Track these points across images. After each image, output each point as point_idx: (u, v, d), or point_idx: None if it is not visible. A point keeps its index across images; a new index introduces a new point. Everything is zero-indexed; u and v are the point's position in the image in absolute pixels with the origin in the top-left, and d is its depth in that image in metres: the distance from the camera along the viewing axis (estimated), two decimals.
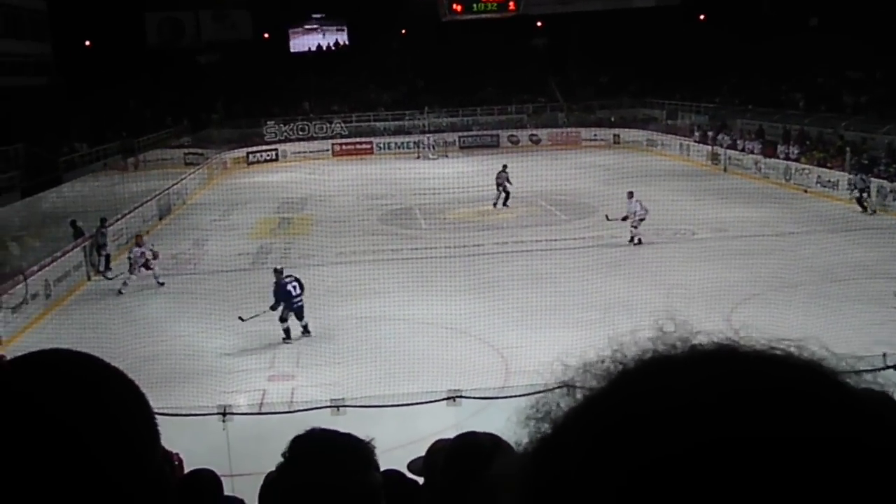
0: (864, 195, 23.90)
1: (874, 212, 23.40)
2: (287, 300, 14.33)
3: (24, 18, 42.52)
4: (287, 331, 14.37)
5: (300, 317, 14.50)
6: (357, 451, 1.72)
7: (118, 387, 0.79)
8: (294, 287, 14.44)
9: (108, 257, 20.37)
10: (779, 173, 29.17)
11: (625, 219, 20.42)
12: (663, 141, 38.03)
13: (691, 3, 45.03)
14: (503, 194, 25.63)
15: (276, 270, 14.86)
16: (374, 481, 1.72)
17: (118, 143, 35.84)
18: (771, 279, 16.56)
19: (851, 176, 25.02)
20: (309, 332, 14.52)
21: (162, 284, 18.53)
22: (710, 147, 34.04)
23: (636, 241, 20.40)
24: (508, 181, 25.60)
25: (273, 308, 14.31)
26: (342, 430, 2.55)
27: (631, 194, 20.64)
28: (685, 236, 21.33)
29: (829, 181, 26.54)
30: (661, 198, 24.25)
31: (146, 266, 18.58)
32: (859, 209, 23.56)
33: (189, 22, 48.53)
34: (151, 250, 18.85)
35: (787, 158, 29.63)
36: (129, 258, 18.80)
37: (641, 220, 20.37)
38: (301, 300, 14.50)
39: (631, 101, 44.08)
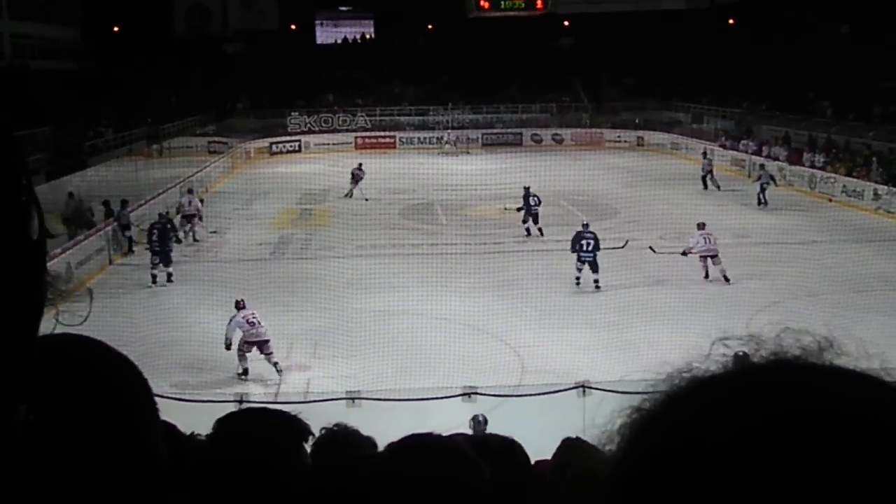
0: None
1: None
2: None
3: (56, 3, 42.95)
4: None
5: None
6: (288, 427, 1.72)
7: (119, 368, 0.84)
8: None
9: (130, 239, 20.60)
10: (804, 181, 28.92)
11: (684, 253, 17.66)
12: (688, 145, 37.79)
13: (721, 7, 44.69)
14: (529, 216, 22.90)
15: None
16: (304, 458, 1.72)
17: (143, 129, 36.10)
18: (792, 287, 16.41)
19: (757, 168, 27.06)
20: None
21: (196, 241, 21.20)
22: (734, 152, 33.80)
23: (714, 276, 17.56)
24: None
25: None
26: (355, 423, 2.56)
27: (701, 226, 18.02)
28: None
29: (854, 191, 26.28)
30: (683, 202, 24.13)
31: (199, 217, 21.65)
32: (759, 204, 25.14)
33: (217, 10, 48.78)
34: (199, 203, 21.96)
35: (812, 166, 29.36)
36: (181, 208, 22.03)
37: (709, 256, 17.61)
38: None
39: (656, 103, 43.83)
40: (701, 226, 17.99)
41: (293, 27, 50.57)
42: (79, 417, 0.76)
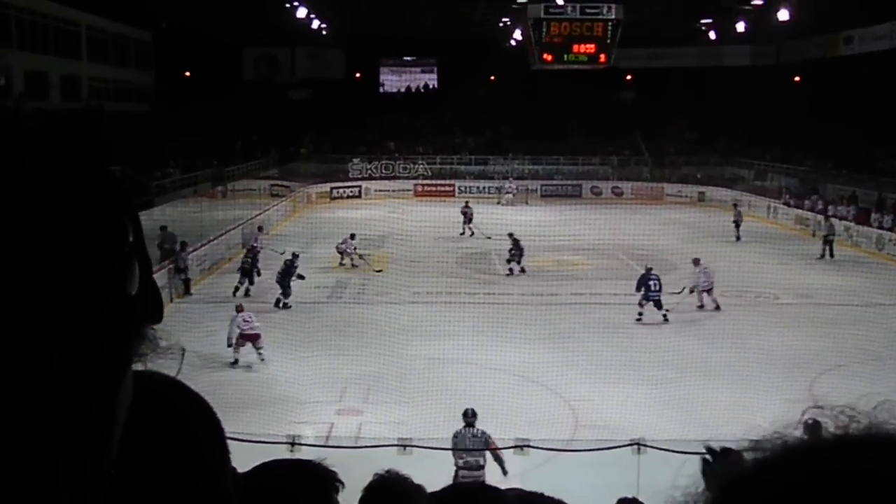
0: (830, 240, 25.92)
1: None
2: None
3: (132, 48, 44.62)
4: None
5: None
6: (317, 477, 1.71)
7: (199, 410, 0.85)
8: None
9: (187, 281, 20.89)
10: (871, 242, 28.22)
11: (691, 291, 19.32)
12: (751, 201, 37.22)
13: (787, 65, 44.31)
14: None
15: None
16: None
17: (209, 171, 36.98)
18: (856, 351, 15.91)
19: (820, 219, 27.53)
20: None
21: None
22: (798, 210, 33.21)
23: (709, 306, 19.36)
24: None
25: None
26: (407, 470, 2.53)
27: (697, 261, 19.75)
28: (768, 300, 20.74)
29: None
30: (745, 259, 23.72)
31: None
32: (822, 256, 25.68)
33: (285, 59, 50.10)
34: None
35: (880, 227, 28.66)
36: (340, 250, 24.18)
37: (707, 290, 19.31)
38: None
39: (718, 158, 43.42)
40: (697, 261, 19.62)
41: (358, 76, 51.61)
42: (161, 458, 0.76)
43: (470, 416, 9.82)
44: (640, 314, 18.35)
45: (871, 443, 0.52)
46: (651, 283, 18.60)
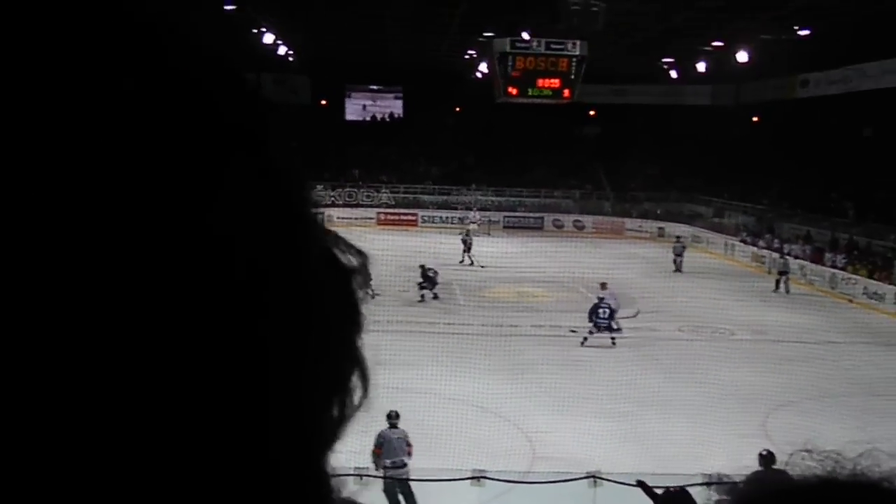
0: (785, 277, 27.51)
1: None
2: None
3: None
4: None
5: None
6: None
7: None
8: None
9: None
10: (824, 280, 28.81)
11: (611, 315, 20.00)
12: (709, 238, 37.89)
13: (746, 104, 45.31)
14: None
15: None
16: None
17: None
18: (809, 388, 16.19)
19: (775, 257, 29.51)
20: None
21: None
22: (755, 248, 33.82)
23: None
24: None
25: None
26: (363, 499, 2.55)
27: (604, 285, 20.74)
28: (724, 335, 21.04)
29: (875, 293, 26.13)
30: (702, 295, 24.04)
31: None
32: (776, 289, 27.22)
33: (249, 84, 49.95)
34: None
35: (833, 266, 29.28)
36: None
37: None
38: None
39: (678, 195, 44.13)
40: (604, 285, 20.55)
41: (324, 103, 51.69)
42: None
43: (394, 418, 10.60)
44: (586, 339, 19.19)
45: (856, 487, 0.53)
46: (601, 310, 19.35)
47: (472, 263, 29.83)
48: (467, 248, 30.34)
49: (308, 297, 0.41)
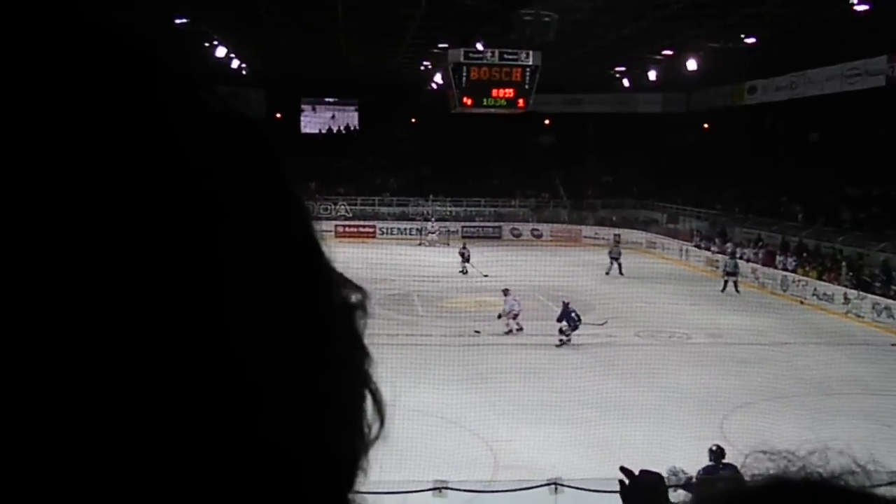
0: (734, 279, 28.50)
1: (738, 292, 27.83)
2: None
3: None
4: None
5: None
6: None
7: None
8: None
9: None
10: (776, 283, 29.38)
11: (499, 317, 21.68)
12: (664, 244, 38.41)
13: (696, 112, 46.11)
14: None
15: None
16: None
17: None
18: (764, 389, 16.52)
19: (725, 259, 30.22)
20: None
21: None
22: (708, 252, 34.38)
23: (514, 330, 21.59)
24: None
25: None
26: None
27: (506, 291, 21.81)
28: (681, 339, 21.36)
29: (825, 294, 26.73)
30: (658, 299, 24.39)
31: None
32: (724, 290, 28.19)
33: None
34: None
35: (784, 269, 29.88)
36: None
37: (514, 316, 21.65)
38: None
39: (633, 202, 44.69)
40: (506, 291, 21.70)
41: (279, 116, 51.44)
42: None
43: None
44: (564, 341, 20.10)
45: (806, 485, 0.57)
46: (573, 314, 20.41)
47: (465, 272, 30.48)
48: (466, 259, 30.95)
49: (329, 334, 0.42)
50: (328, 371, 0.41)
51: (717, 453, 10.29)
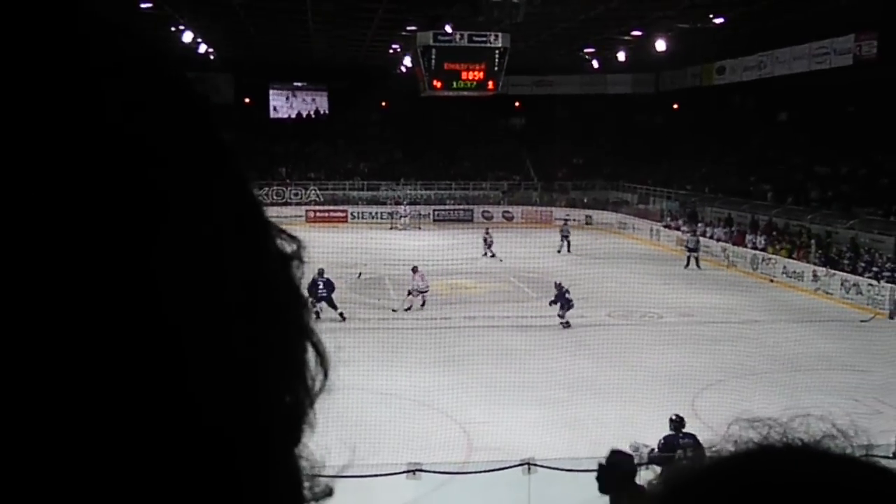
0: (695, 255, 29.30)
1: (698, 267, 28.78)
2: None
3: None
4: None
5: None
6: None
7: None
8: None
9: None
10: (746, 262, 29.63)
11: (409, 293, 22.54)
12: (635, 224, 38.58)
13: (665, 93, 46.27)
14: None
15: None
16: None
17: None
18: (735, 366, 16.66)
19: (688, 236, 30.84)
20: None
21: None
22: (679, 232, 34.59)
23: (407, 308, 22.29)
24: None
25: None
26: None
27: (415, 269, 22.50)
28: (652, 319, 21.47)
29: (794, 272, 26.99)
30: (630, 280, 24.49)
31: None
32: (687, 266, 29.11)
33: None
34: None
35: (754, 248, 30.14)
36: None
37: (423, 292, 22.45)
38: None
39: (604, 183, 44.82)
40: (415, 269, 22.47)
41: (247, 101, 50.93)
42: None
43: None
44: (565, 322, 20.29)
45: (788, 452, 0.55)
46: (568, 295, 20.64)
47: (493, 256, 30.34)
48: (488, 245, 30.92)
49: (266, 284, 0.42)
50: (267, 321, 0.40)
51: (677, 422, 10.33)
